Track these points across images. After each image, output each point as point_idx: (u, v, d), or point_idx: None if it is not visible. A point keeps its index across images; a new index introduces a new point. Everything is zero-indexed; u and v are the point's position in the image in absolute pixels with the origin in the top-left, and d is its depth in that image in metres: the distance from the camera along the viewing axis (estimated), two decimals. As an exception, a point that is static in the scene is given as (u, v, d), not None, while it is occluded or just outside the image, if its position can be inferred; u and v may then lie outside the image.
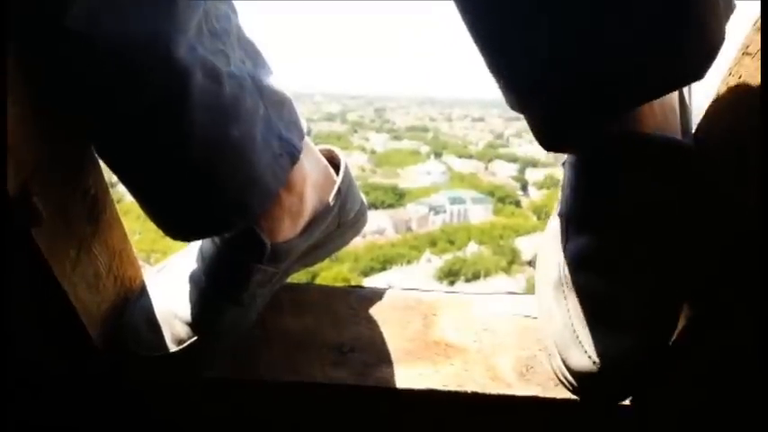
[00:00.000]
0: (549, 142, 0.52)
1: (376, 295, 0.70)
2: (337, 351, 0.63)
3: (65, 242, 0.51)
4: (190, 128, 0.48)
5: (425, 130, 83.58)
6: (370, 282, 34.57)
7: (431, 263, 39.17)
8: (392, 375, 0.61)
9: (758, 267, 0.43)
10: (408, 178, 58.28)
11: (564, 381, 0.54)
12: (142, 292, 0.63)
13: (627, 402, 0.59)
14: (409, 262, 39.58)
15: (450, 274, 37.07)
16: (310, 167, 0.64)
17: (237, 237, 0.58)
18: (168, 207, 0.53)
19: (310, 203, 0.63)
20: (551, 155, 0.57)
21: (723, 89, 0.51)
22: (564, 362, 0.54)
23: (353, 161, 63.24)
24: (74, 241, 0.53)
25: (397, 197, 52.78)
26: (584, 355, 0.51)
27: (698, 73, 0.44)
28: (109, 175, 0.56)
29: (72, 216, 0.52)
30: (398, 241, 43.16)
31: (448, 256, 39.80)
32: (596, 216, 0.54)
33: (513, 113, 0.50)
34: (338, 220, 0.69)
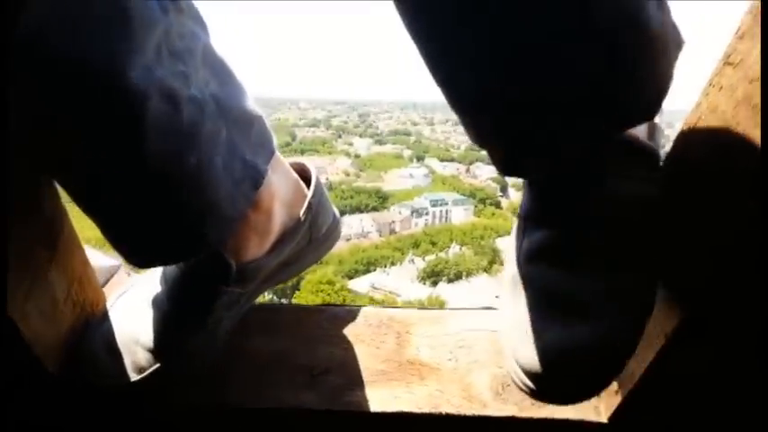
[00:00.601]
0: (504, 168, 0.50)
1: (349, 314, 0.68)
2: (308, 374, 0.61)
3: (17, 269, 0.49)
4: (144, 153, 0.45)
5: (408, 134, 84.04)
6: (354, 283, 34.61)
7: (414, 264, 39.33)
8: (365, 398, 0.60)
9: (755, 267, 0.43)
10: (391, 181, 58.51)
11: (519, 382, 0.50)
12: (104, 317, 0.61)
13: (604, 420, 0.59)
14: (393, 263, 39.73)
15: (432, 275, 37.26)
16: (279, 183, 0.62)
17: (201, 258, 0.56)
18: (123, 234, 0.51)
19: (279, 221, 0.61)
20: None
21: (704, 99, 0.50)
22: (516, 361, 0.50)
23: (338, 166, 63.34)
24: (28, 268, 0.50)
25: (380, 200, 52.98)
26: (535, 353, 0.48)
27: (650, 113, 0.44)
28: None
29: (25, 241, 0.50)
30: (382, 243, 43.35)
31: (431, 257, 40.06)
32: (552, 211, 0.51)
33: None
34: (309, 236, 0.66)
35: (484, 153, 0.50)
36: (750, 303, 0.46)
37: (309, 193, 0.66)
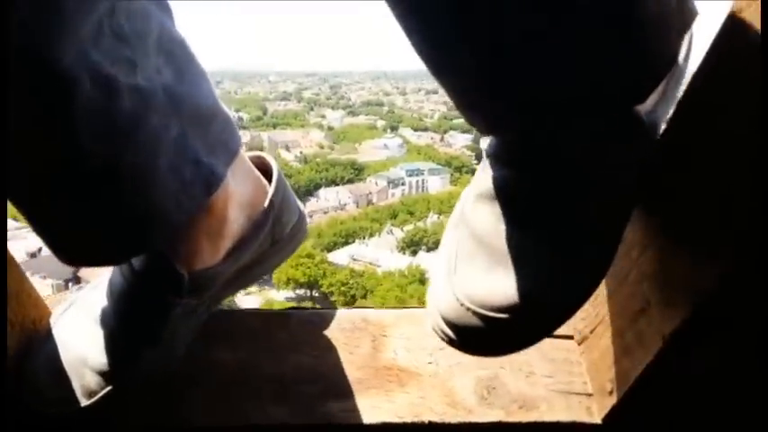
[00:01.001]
0: (485, 132, 0.46)
1: (319, 317, 0.63)
2: (277, 385, 0.57)
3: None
4: (74, 146, 0.40)
5: (380, 104, 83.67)
6: (334, 255, 34.66)
7: (393, 234, 39.50)
8: (341, 409, 0.55)
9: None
10: (366, 153, 58.36)
11: (437, 330, 0.45)
12: (48, 336, 0.55)
13: (598, 421, 0.55)
14: (371, 234, 39.86)
15: (412, 244, 37.50)
16: (236, 183, 0.55)
17: (148, 267, 0.50)
18: (51, 230, 0.46)
19: (235, 225, 0.55)
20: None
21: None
22: (435, 306, 0.45)
23: (311, 138, 62.90)
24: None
25: (356, 172, 52.86)
26: (454, 299, 0.43)
27: (638, 96, 0.41)
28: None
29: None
30: (360, 215, 43.43)
31: (409, 227, 40.28)
32: (517, 151, 0.46)
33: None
34: (272, 237, 0.60)
35: (457, 122, 0.47)
36: (755, 304, 0.43)
37: (270, 191, 0.59)
